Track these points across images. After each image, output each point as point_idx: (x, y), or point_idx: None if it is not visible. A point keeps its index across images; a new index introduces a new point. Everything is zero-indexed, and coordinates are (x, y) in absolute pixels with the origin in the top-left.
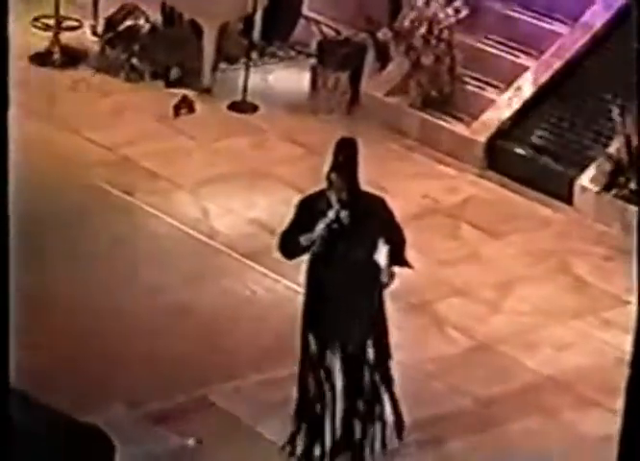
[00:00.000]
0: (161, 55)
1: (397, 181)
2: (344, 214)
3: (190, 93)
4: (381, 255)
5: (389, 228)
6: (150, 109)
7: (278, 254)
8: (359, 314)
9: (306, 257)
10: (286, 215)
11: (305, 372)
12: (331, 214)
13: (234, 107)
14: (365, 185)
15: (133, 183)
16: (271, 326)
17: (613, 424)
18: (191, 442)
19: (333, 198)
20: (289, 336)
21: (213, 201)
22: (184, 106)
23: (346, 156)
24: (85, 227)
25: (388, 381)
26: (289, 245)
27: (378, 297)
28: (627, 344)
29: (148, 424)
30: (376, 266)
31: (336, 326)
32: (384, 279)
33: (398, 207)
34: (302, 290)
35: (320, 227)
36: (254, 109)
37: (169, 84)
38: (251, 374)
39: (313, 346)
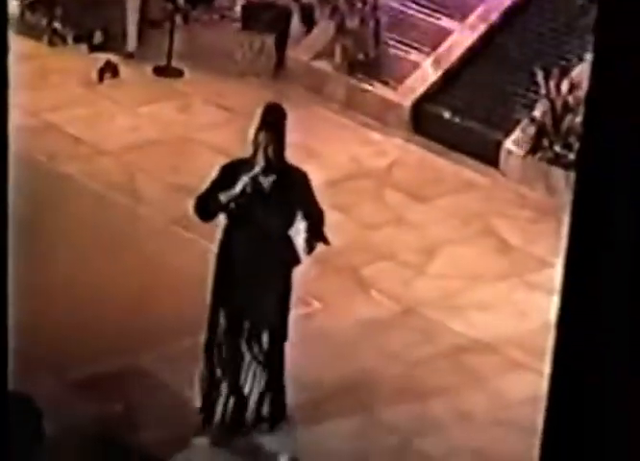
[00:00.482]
0: (84, 19)
1: (323, 145)
2: (265, 180)
3: (114, 58)
4: (299, 230)
5: (309, 202)
6: (74, 73)
7: (192, 214)
8: (270, 291)
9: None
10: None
11: (211, 343)
12: (251, 173)
13: (159, 71)
14: (291, 149)
15: (56, 149)
16: (199, 291)
17: (539, 386)
18: (119, 407)
19: (257, 162)
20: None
21: (138, 166)
22: (109, 70)
23: (273, 121)
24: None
25: (281, 361)
26: (206, 204)
27: (288, 276)
28: (552, 306)
29: (75, 390)
30: (290, 243)
31: (246, 302)
32: (302, 252)
33: (324, 171)
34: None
35: (239, 185)
36: (179, 73)
37: (93, 49)
38: (179, 339)
39: (222, 320)
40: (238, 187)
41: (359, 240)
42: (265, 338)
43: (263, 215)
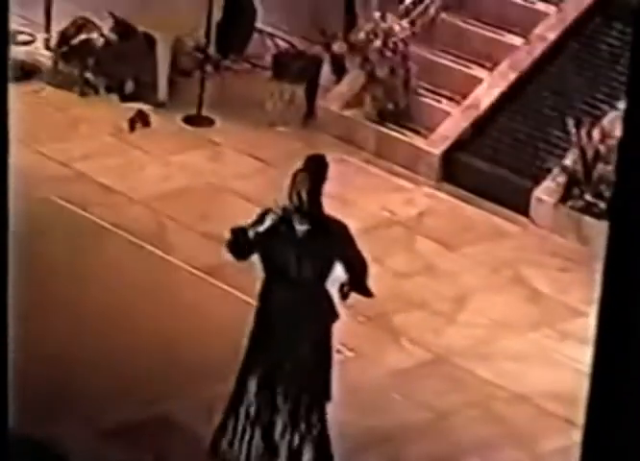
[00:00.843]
0: (116, 69)
1: (354, 193)
2: (300, 228)
3: (145, 107)
4: (337, 279)
5: (349, 254)
6: (105, 123)
7: (227, 253)
8: (308, 347)
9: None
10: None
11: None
12: (281, 212)
13: (190, 120)
14: (322, 198)
15: (88, 198)
16: (229, 339)
17: (571, 437)
18: (149, 458)
19: (291, 203)
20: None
21: (169, 215)
22: (139, 120)
23: (313, 168)
24: (40, 242)
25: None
26: (238, 241)
27: (326, 331)
28: (583, 355)
29: (105, 439)
30: (327, 297)
31: (283, 357)
32: (336, 299)
33: (355, 220)
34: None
35: (268, 221)
36: (209, 122)
37: (124, 99)
38: (210, 388)
39: (256, 374)
40: (267, 223)
41: (391, 288)
42: (304, 397)
43: (296, 264)
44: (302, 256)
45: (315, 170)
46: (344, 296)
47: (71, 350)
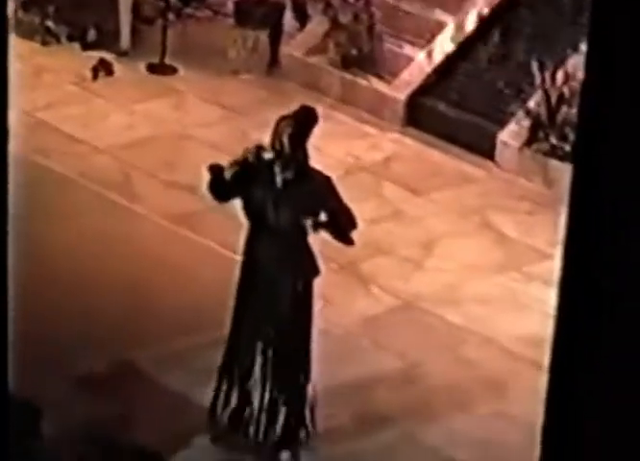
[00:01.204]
0: (77, 17)
1: (319, 140)
2: (281, 175)
3: (108, 56)
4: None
5: (333, 206)
6: (67, 72)
7: (207, 193)
8: (288, 300)
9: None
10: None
11: (232, 348)
12: (259, 152)
13: (153, 68)
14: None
15: (51, 147)
16: (197, 289)
17: (540, 379)
18: (117, 407)
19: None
20: (217, 299)
21: (134, 164)
22: (102, 68)
23: (301, 119)
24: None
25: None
26: (217, 179)
27: (306, 284)
28: (550, 297)
29: (74, 388)
30: (309, 251)
31: (266, 311)
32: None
33: (321, 167)
34: (228, 253)
35: (249, 163)
36: (173, 70)
37: (86, 47)
38: (180, 338)
39: (244, 326)
40: (247, 166)
41: (359, 235)
42: (285, 349)
43: (274, 213)
44: (280, 205)
45: (302, 119)
46: (313, 227)
47: (37, 300)
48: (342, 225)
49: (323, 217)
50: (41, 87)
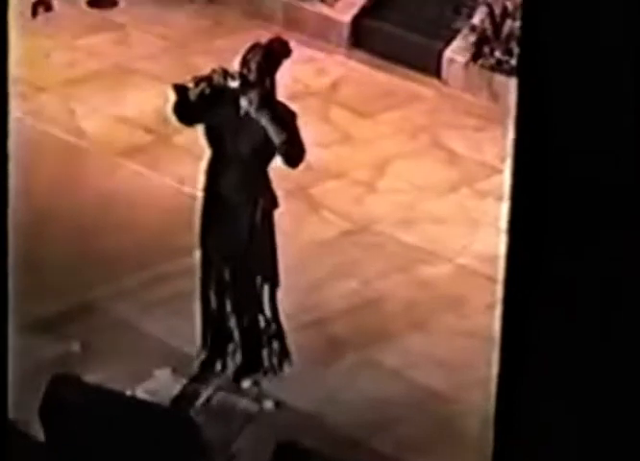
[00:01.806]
0: None
1: None
2: (244, 102)
3: None
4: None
5: (288, 137)
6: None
7: (172, 114)
8: (250, 232)
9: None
10: (155, 110)
11: (205, 285)
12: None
13: (93, 2)
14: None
15: None
16: (149, 223)
17: (495, 293)
18: (76, 346)
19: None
20: (168, 233)
21: (78, 100)
22: (41, 4)
23: (271, 50)
24: None
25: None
26: (182, 100)
27: (264, 214)
28: (503, 212)
29: (32, 331)
30: (267, 181)
31: (229, 242)
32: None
33: None
34: (176, 185)
35: (213, 86)
36: (113, 3)
37: None
38: (131, 273)
39: (209, 257)
40: (211, 88)
41: (308, 160)
42: (248, 280)
43: (234, 139)
44: (241, 133)
45: (273, 49)
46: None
47: None
48: (293, 156)
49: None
50: None
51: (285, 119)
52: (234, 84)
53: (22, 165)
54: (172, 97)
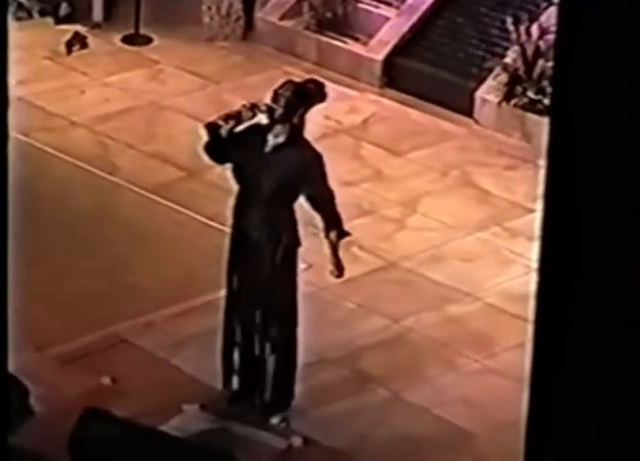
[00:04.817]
0: None
1: None
2: (272, 139)
3: (82, 29)
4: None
5: (315, 184)
6: (41, 47)
7: (203, 154)
8: (272, 269)
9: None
10: (188, 146)
11: (228, 320)
12: (255, 119)
13: (128, 39)
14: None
15: (28, 124)
16: (179, 259)
17: (526, 333)
18: (106, 380)
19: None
20: (198, 269)
21: (112, 136)
22: (77, 42)
23: (306, 89)
24: None
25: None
26: (214, 139)
27: (286, 253)
28: (533, 252)
29: (60, 365)
30: (291, 219)
31: (251, 278)
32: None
33: None
34: (206, 221)
35: (242, 125)
36: (148, 41)
37: (59, 21)
38: (161, 308)
39: (233, 293)
40: (242, 125)
41: (339, 197)
42: (270, 317)
43: (257, 177)
44: (266, 170)
45: (306, 88)
46: (334, 243)
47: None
48: (327, 210)
49: (304, 197)
50: (15, 64)
51: (311, 159)
52: (263, 119)
53: (57, 199)
54: (204, 135)
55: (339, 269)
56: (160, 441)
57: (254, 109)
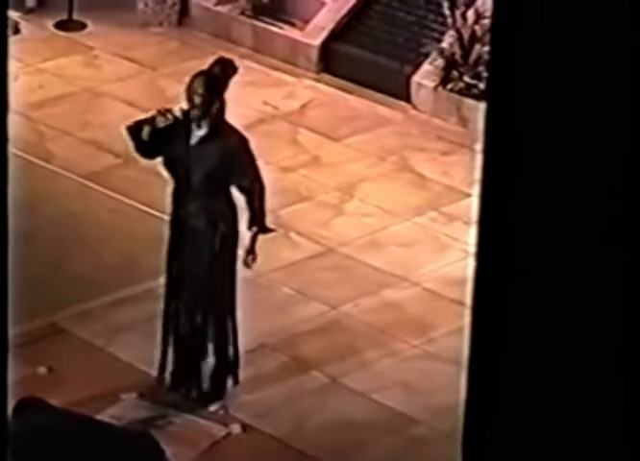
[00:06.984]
0: None
1: (234, 89)
2: (196, 132)
3: (14, 14)
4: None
5: (244, 171)
6: None
7: (134, 152)
8: (205, 254)
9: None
10: (124, 133)
11: (167, 308)
12: (174, 115)
13: (61, 25)
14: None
15: None
16: (116, 247)
17: (462, 317)
18: (42, 370)
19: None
20: (135, 256)
21: (47, 124)
22: (9, 28)
23: (215, 75)
24: None
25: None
26: (138, 137)
27: (223, 241)
28: (471, 236)
29: None
30: (226, 209)
31: (188, 270)
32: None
33: (237, 116)
34: (144, 208)
35: (167, 121)
36: (82, 26)
37: None
38: (97, 297)
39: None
40: (164, 123)
41: (276, 184)
42: (209, 305)
43: (187, 170)
44: (194, 162)
45: (216, 73)
46: (253, 239)
47: None
48: (256, 199)
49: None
50: None
51: (236, 147)
52: (180, 115)
53: None
54: (127, 139)
55: (251, 254)
56: (95, 429)
57: (167, 114)
